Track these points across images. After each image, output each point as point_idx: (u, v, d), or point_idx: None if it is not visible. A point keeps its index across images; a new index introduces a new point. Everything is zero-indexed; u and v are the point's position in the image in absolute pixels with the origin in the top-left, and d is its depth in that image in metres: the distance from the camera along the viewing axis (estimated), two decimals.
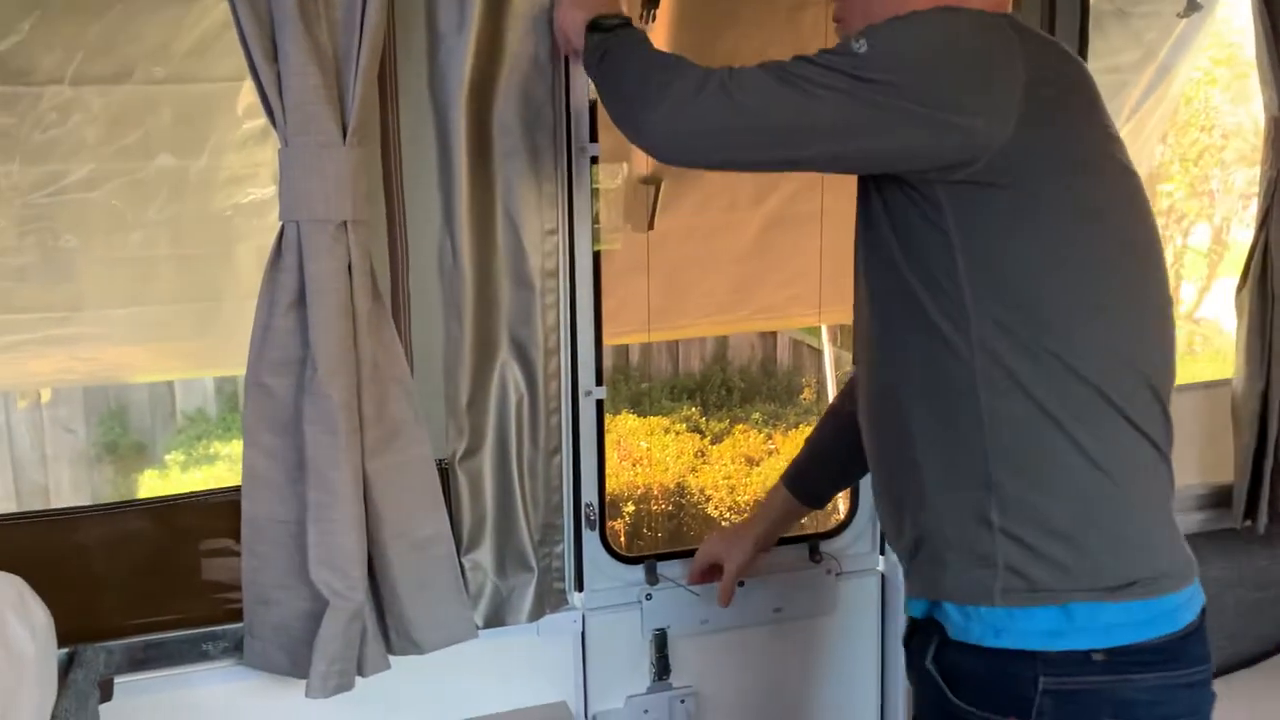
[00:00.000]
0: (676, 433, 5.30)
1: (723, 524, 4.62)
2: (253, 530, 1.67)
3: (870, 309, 1.48)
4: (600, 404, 1.94)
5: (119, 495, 4.79)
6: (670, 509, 4.75)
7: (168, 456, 4.89)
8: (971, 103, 1.30)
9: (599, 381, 1.93)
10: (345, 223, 1.59)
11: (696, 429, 5.39)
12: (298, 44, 1.52)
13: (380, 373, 1.67)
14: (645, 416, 5.40)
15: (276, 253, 1.60)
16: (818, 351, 5.23)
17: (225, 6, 1.53)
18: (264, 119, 1.59)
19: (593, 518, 1.95)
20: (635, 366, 5.86)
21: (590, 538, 1.96)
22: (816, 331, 4.50)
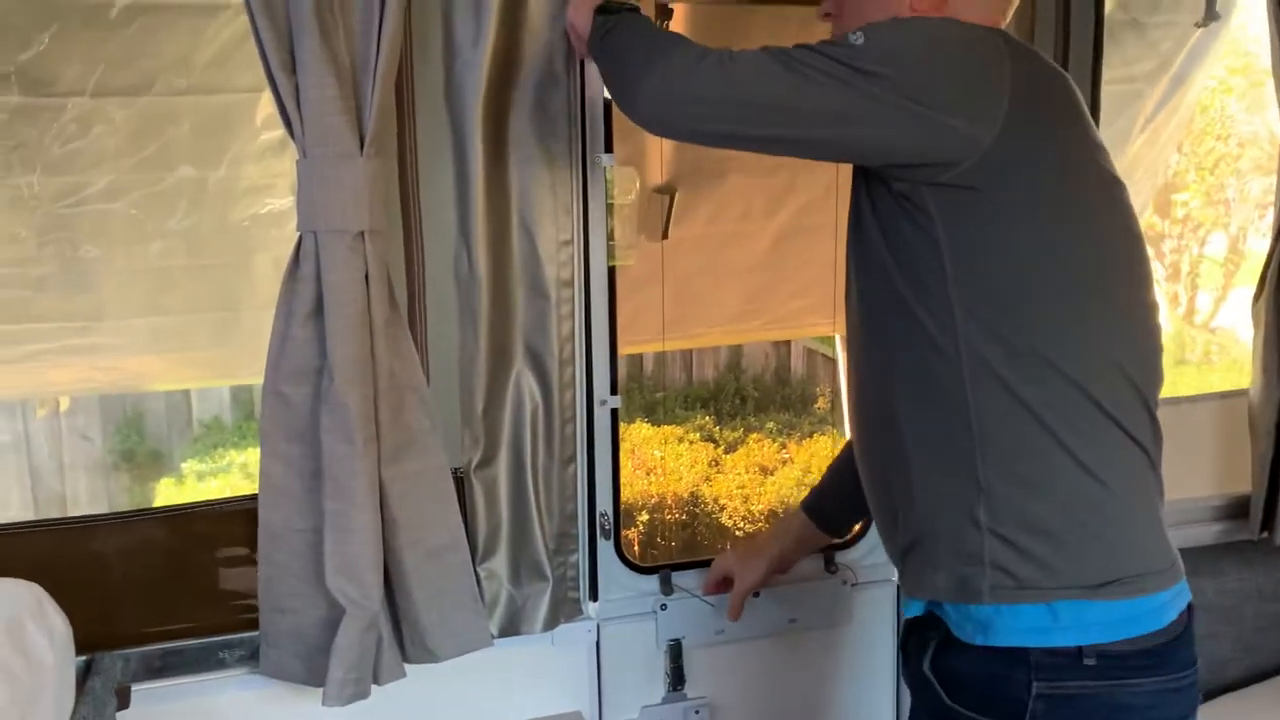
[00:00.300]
0: (690, 442, 5.29)
1: (736, 534, 4.62)
2: (269, 538, 1.68)
3: (860, 311, 1.51)
4: (615, 413, 1.94)
5: (135, 503, 4.82)
6: (684, 518, 4.74)
7: (184, 465, 4.91)
8: (958, 104, 1.33)
9: (614, 391, 1.93)
10: (362, 233, 1.60)
11: (710, 438, 5.38)
12: (315, 55, 1.53)
13: (397, 382, 1.68)
14: (659, 425, 5.40)
15: (294, 263, 1.61)
16: (832, 360, 5.23)
17: (245, 19, 1.55)
18: (282, 130, 1.60)
19: (607, 527, 1.95)
20: (649, 375, 5.86)
21: (605, 547, 1.96)
22: (830, 340, 4.50)
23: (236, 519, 1.78)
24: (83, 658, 1.63)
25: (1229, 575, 2.41)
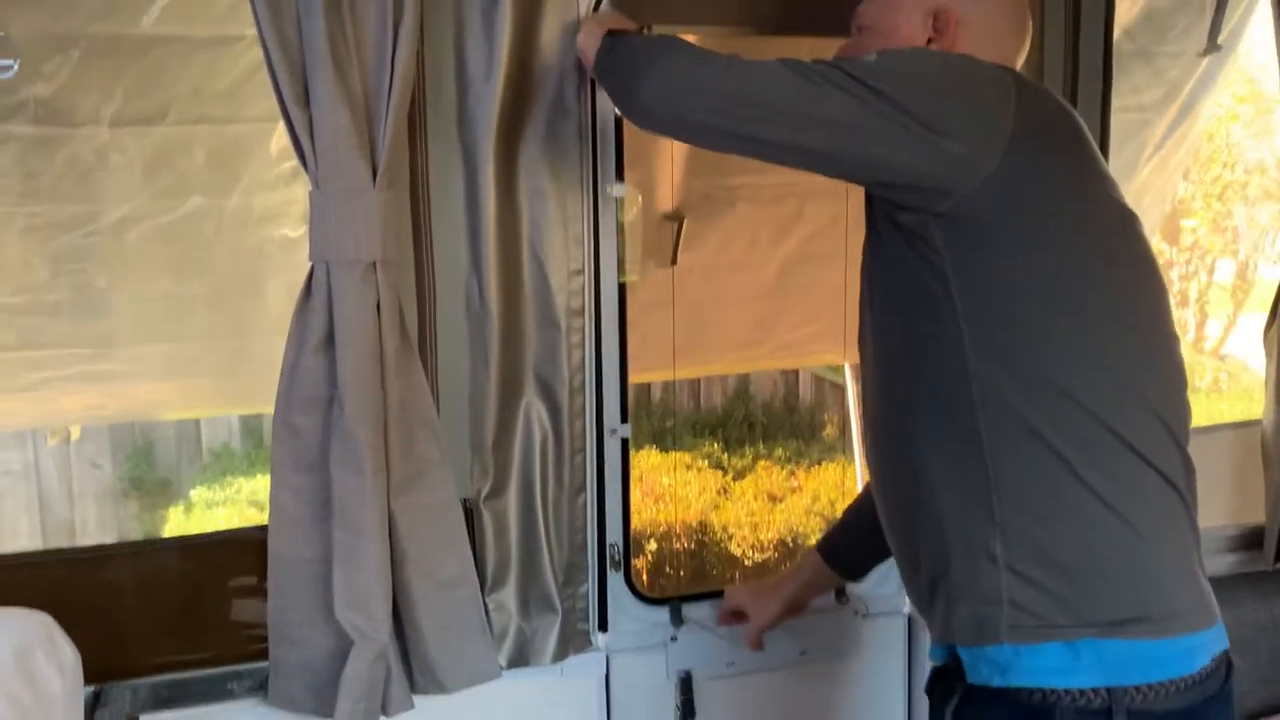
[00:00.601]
0: (699, 469, 5.28)
1: (745, 563, 4.60)
2: (279, 569, 1.68)
3: (874, 346, 1.50)
4: (625, 443, 1.93)
5: (145, 532, 4.82)
6: (693, 546, 4.72)
7: (193, 493, 4.91)
8: (959, 131, 1.34)
9: (624, 420, 1.93)
10: (374, 263, 1.60)
11: (719, 465, 5.37)
12: (329, 87, 1.54)
13: (407, 412, 1.68)
14: (667, 452, 5.38)
15: (306, 293, 1.62)
16: (840, 387, 5.22)
17: (259, 51, 1.56)
18: (295, 160, 1.61)
19: (617, 558, 1.94)
20: (657, 403, 5.86)
21: (615, 578, 1.95)
22: (839, 368, 4.49)
23: (246, 549, 1.78)
24: (91, 688, 1.63)
25: (1244, 606, 2.39)
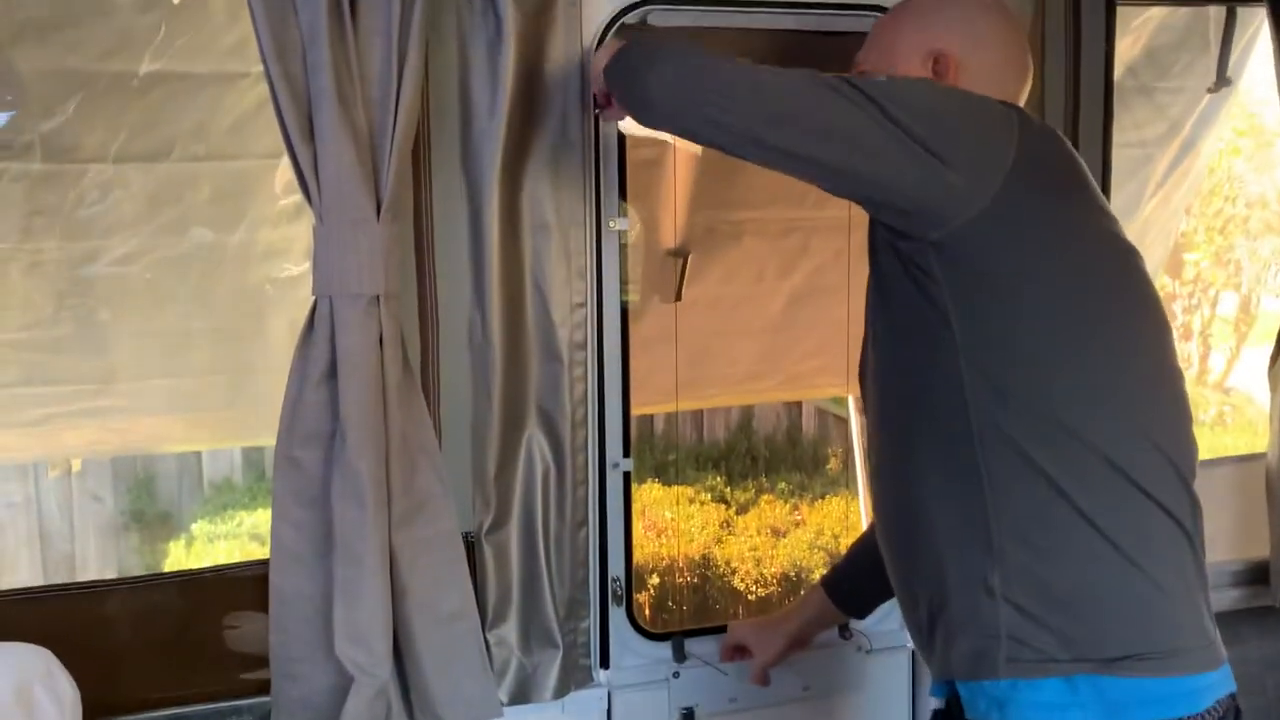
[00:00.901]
0: (701, 502, 5.26)
1: (749, 597, 4.57)
2: (280, 604, 1.67)
3: (876, 378, 1.51)
4: (628, 476, 1.93)
5: (145, 565, 4.80)
6: (695, 581, 4.70)
7: (194, 526, 4.89)
8: (962, 164, 1.35)
9: (627, 453, 1.92)
10: (378, 297, 1.61)
11: (722, 498, 5.35)
12: (334, 123, 1.55)
13: (409, 445, 1.68)
14: (670, 485, 5.37)
15: (309, 327, 1.62)
16: (843, 420, 5.21)
17: (263, 87, 1.57)
18: (299, 195, 1.62)
19: (619, 593, 1.93)
20: (660, 435, 5.85)
21: (617, 613, 1.94)
22: (842, 400, 4.49)
23: (247, 584, 1.77)
24: None
25: (1248, 643, 2.37)
